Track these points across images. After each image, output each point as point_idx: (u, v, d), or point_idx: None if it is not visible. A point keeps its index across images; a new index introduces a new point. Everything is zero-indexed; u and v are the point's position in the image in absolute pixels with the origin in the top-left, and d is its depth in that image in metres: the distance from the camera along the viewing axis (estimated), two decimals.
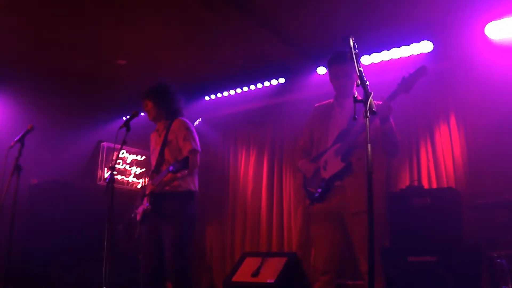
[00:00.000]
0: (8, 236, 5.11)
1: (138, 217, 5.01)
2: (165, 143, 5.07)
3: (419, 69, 3.76)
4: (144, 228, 4.98)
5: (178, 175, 4.74)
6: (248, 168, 8.86)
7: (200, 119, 9.18)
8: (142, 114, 5.65)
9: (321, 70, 7.30)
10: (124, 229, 5.18)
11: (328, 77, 4.48)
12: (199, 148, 5.07)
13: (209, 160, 9.12)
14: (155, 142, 5.28)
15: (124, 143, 4.69)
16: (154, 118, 5.27)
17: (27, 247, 7.74)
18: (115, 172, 4.51)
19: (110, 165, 4.58)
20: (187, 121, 5.23)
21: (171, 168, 4.53)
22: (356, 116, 3.01)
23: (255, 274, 6.70)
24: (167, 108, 5.24)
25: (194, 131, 5.16)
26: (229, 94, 8.62)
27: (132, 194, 4.96)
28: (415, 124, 6.91)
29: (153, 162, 5.17)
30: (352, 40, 3.10)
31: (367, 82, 2.98)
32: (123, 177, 9.44)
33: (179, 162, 4.50)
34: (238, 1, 6.10)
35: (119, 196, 4.83)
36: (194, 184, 5.05)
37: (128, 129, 4.72)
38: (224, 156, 9.16)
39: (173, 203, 4.86)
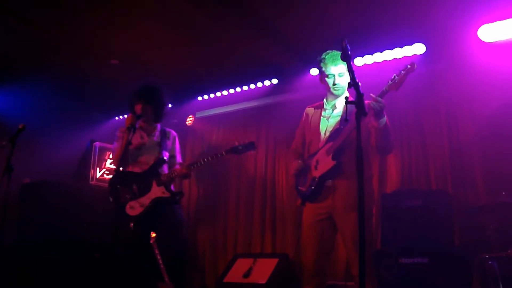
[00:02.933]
0: (0, 235, 5.11)
1: (134, 212, 4.98)
2: (164, 145, 5.19)
3: (408, 66, 3.77)
4: (143, 220, 5.00)
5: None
6: (241, 169, 8.85)
7: (192, 117, 9.16)
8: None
9: (314, 71, 7.30)
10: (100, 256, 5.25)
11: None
12: None
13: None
14: (140, 138, 5.30)
15: (129, 144, 4.84)
16: (146, 119, 5.30)
17: (18, 246, 7.70)
18: (107, 172, 4.56)
19: (115, 168, 4.71)
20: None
21: (239, 147, 4.82)
22: (347, 118, 3.02)
23: (247, 275, 6.70)
24: (160, 112, 5.34)
25: None
26: (222, 94, 8.63)
27: None
28: (407, 126, 6.91)
29: (151, 156, 5.20)
30: (345, 42, 3.10)
31: (359, 84, 2.99)
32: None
33: (245, 144, 4.82)
34: (231, 2, 6.10)
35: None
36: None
37: (134, 130, 4.83)
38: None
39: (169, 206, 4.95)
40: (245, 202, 8.57)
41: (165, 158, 5.23)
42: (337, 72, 4.28)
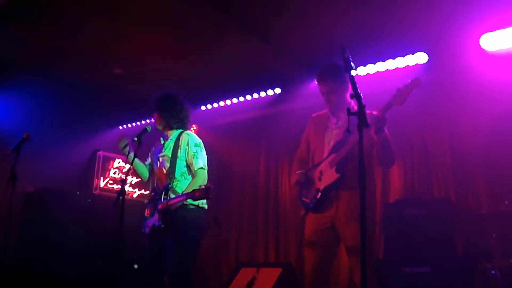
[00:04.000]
0: (3, 244, 5.11)
1: (146, 230, 4.99)
2: (174, 157, 5.06)
3: (413, 81, 3.77)
4: (149, 240, 4.97)
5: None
6: (244, 178, 8.86)
7: (195, 126, 9.19)
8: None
9: None
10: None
11: None
12: (206, 165, 5.09)
13: None
14: (158, 151, 5.26)
15: (135, 156, 4.83)
16: (161, 128, 5.26)
17: (22, 255, 7.72)
18: (111, 182, 4.55)
19: (121, 178, 4.64)
20: (195, 136, 5.22)
21: (191, 196, 4.52)
22: (350, 129, 3.03)
23: (250, 284, 6.70)
24: (173, 119, 5.23)
25: (203, 146, 5.19)
26: (225, 104, 8.65)
27: (128, 204, 4.96)
28: (410, 135, 6.93)
29: (162, 172, 5.11)
30: (347, 52, 3.12)
31: (361, 94, 2.99)
32: (119, 186, 9.41)
33: (201, 191, 4.49)
34: (236, 13, 6.13)
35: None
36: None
37: (139, 143, 4.79)
38: (219, 166, 9.15)
39: (182, 217, 4.83)
40: (248, 211, 8.58)
41: (168, 185, 5.03)
42: (326, 90, 4.30)
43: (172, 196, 4.82)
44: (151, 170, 5.30)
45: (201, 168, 5.01)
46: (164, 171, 5.04)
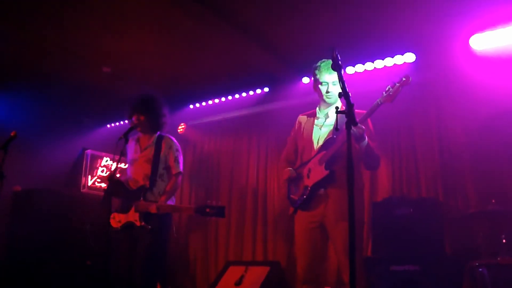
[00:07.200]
0: None
1: (117, 224, 4.98)
2: (157, 159, 5.13)
3: (403, 79, 3.79)
4: (120, 237, 4.99)
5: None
6: (232, 177, 8.85)
7: (184, 125, 9.17)
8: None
9: (306, 80, 7.33)
10: (91, 228, 5.26)
11: (311, 86, 4.53)
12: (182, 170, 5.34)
13: (194, 169, 9.12)
14: (134, 152, 5.31)
15: (122, 155, 4.83)
16: (143, 130, 5.30)
17: (10, 254, 7.67)
18: (99, 180, 4.54)
19: (108, 176, 4.69)
20: (176, 142, 5.42)
21: (201, 211, 4.74)
22: (338, 127, 3.04)
23: (238, 283, 6.70)
24: (156, 122, 5.31)
25: (181, 152, 5.43)
26: (213, 102, 8.65)
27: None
28: (398, 134, 6.93)
29: (139, 173, 5.16)
30: (336, 52, 3.13)
31: (350, 94, 3.01)
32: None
33: (215, 208, 4.59)
34: (224, 11, 6.12)
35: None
36: (172, 202, 5.24)
37: (126, 140, 4.89)
38: (208, 164, 9.15)
39: (154, 216, 4.87)
40: (236, 209, 8.56)
41: (147, 185, 5.06)
42: (331, 80, 4.30)
43: (151, 196, 5.03)
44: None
45: (180, 172, 5.25)
46: (143, 172, 5.10)
